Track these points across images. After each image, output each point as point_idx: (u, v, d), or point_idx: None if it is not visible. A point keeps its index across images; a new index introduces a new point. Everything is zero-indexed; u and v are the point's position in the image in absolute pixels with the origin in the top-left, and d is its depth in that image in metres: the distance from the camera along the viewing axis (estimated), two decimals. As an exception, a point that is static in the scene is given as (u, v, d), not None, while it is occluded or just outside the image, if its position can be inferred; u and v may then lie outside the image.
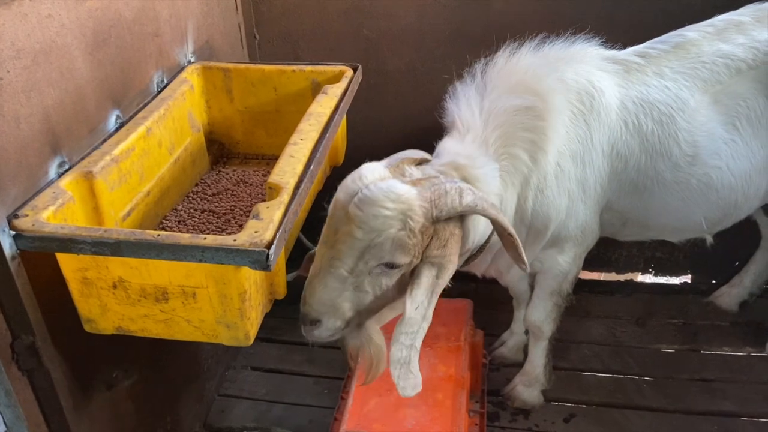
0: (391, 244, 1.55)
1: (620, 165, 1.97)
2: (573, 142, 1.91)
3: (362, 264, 1.59)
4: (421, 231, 1.57)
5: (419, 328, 1.61)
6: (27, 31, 1.41)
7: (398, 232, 1.55)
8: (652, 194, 2.01)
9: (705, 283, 3.01)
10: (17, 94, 1.40)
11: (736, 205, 2.07)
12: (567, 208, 1.96)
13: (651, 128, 1.93)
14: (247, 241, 1.32)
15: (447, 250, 1.63)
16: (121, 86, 1.80)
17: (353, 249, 1.57)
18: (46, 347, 1.47)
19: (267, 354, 2.75)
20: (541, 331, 2.33)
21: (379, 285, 1.63)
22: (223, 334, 1.50)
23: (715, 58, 1.94)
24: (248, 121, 2.23)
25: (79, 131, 1.63)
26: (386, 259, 1.58)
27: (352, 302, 1.64)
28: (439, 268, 1.62)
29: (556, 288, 2.21)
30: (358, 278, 1.61)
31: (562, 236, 2.03)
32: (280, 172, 1.58)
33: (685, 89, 1.94)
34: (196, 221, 1.89)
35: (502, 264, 2.15)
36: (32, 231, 1.35)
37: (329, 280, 1.60)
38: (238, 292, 1.41)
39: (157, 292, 1.44)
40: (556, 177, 1.90)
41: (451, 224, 1.63)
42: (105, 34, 1.71)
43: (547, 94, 1.84)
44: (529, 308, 2.31)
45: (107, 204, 1.61)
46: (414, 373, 1.65)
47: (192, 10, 2.18)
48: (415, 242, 1.57)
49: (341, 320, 1.65)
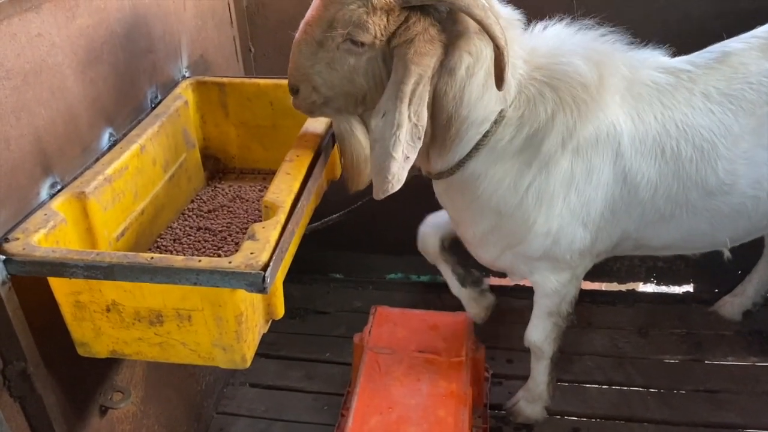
0: (351, 16, 1.52)
1: (647, 193, 1.85)
2: (596, 155, 1.79)
3: (330, 37, 1.57)
4: (385, 10, 1.52)
5: (391, 135, 1.55)
6: (17, 51, 1.39)
7: (359, 7, 1.51)
8: (679, 222, 1.91)
9: (708, 292, 2.98)
10: (7, 116, 1.37)
11: (764, 228, 2.02)
12: (561, 221, 1.85)
13: (690, 155, 1.81)
14: (242, 263, 1.30)
15: (414, 48, 1.53)
16: (114, 104, 1.78)
17: (322, 18, 1.57)
18: (38, 373, 1.44)
19: (265, 370, 2.71)
20: (542, 351, 2.28)
21: (348, 63, 1.60)
22: (220, 357, 1.47)
23: (761, 78, 1.82)
24: (244, 136, 2.20)
25: (71, 151, 1.60)
26: (348, 31, 1.54)
27: (325, 79, 1.64)
28: (405, 69, 1.53)
29: (554, 309, 2.13)
30: (328, 53, 1.60)
31: (552, 254, 1.92)
32: (276, 191, 1.56)
33: (730, 113, 1.81)
34: (192, 239, 1.86)
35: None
36: (23, 255, 1.32)
37: (302, 46, 1.63)
38: (234, 315, 1.39)
39: (152, 315, 1.42)
40: (563, 173, 1.79)
41: (426, 20, 1.54)
42: (97, 52, 1.69)
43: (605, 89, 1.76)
44: (528, 328, 2.26)
45: (101, 224, 1.58)
46: (390, 181, 1.58)
47: (186, 25, 2.16)
48: (377, 21, 1.52)
49: (316, 94, 1.67)
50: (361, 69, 1.62)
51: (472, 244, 2.07)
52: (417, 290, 3.15)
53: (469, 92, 1.67)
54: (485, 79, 1.66)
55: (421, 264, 3.13)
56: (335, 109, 1.72)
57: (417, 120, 1.57)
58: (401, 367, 2.21)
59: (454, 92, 1.66)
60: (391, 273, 3.20)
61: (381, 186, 1.59)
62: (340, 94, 1.67)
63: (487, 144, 1.75)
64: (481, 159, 1.78)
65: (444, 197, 2.01)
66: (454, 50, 1.61)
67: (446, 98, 1.67)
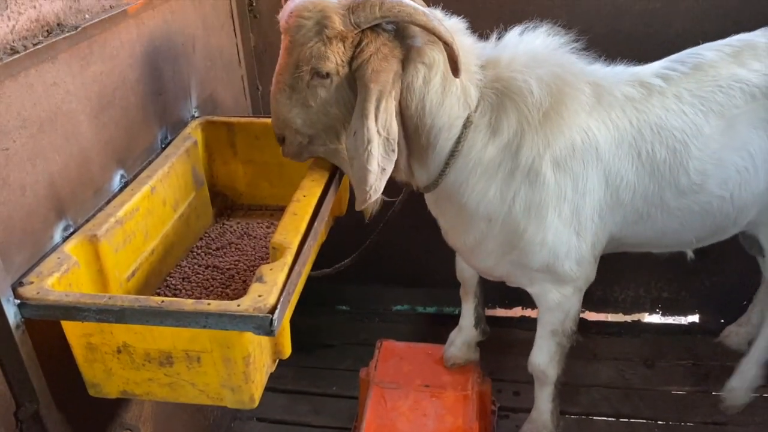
0: (311, 52, 1.63)
1: (628, 195, 1.92)
2: (577, 163, 1.85)
3: (298, 78, 1.69)
4: (339, 38, 1.62)
5: (363, 151, 1.63)
6: (33, 101, 1.44)
7: (316, 42, 1.62)
8: (654, 221, 1.98)
9: (713, 322, 2.98)
10: (23, 163, 1.41)
11: (726, 230, 2.07)
12: (556, 232, 1.88)
13: (664, 157, 1.89)
14: (250, 306, 1.32)
15: (370, 67, 1.63)
16: (125, 146, 1.82)
17: (288, 64, 1.69)
18: (50, 414, 1.46)
19: (273, 404, 2.72)
20: (546, 375, 2.26)
21: (319, 97, 1.71)
22: (228, 398, 1.49)
23: (731, 82, 1.91)
24: (252, 174, 2.25)
25: (83, 194, 1.64)
26: (312, 66, 1.65)
27: (303, 119, 1.76)
28: (365, 88, 1.63)
29: (558, 326, 2.13)
30: (300, 93, 1.72)
31: (551, 266, 1.95)
32: (284, 232, 1.59)
33: (701, 114, 1.90)
34: (200, 278, 1.90)
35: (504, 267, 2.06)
36: (37, 299, 1.35)
37: (278, 95, 1.75)
38: (242, 356, 1.41)
39: (162, 357, 1.44)
40: (548, 186, 1.84)
41: (378, 40, 1.65)
42: (109, 97, 1.74)
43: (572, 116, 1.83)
44: (533, 351, 2.25)
45: (112, 266, 1.62)
46: (368, 192, 1.68)
47: (195, 66, 2.21)
48: (335, 49, 1.63)
49: (300, 135, 1.79)
50: (332, 99, 1.72)
51: (465, 253, 2.10)
52: (423, 322, 3.16)
53: (430, 100, 1.75)
54: (443, 84, 1.74)
55: (427, 296, 3.17)
56: (321, 146, 1.83)
57: (387, 134, 1.67)
58: (407, 402, 2.23)
59: (416, 103, 1.75)
60: (397, 305, 3.22)
61: (361, 197, 1.70)
62: (320, 130, 1.79)
63: (461, 151, 1.82)
64: (459, 167, 1.84)
65: (435, 208, 2.07)
66: (409, 63, 1.71)
67: (410, 110, 1.76)
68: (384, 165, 1.68)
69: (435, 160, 1.85)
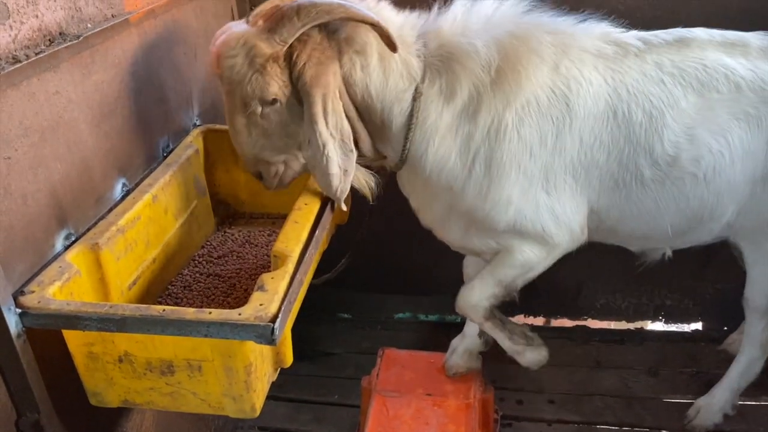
0: (252, 86, 1.66)
1: (602, 156, 1.88)
2: (544, 119, 1.82)
3: (251, 113, 1.72)
4: (271, 61, 1.65)
5: (321, 157, 1.66)
6: (35, 110, 1.44)
7: (253, 74, 1.65)
8: (629, 192, 1.93)
9: (716, 330, 2.97)
10: (24, 172, 1.41)
11: (702, 220, 2.00)
12: (521, 189, 1.85)
13: (640, 119, 1.86)
14: (252, 315, 1.32)
15: (307, 74, 1.66)
16: (127, 154, 1.82)
17: (236, 105, 1.73)
18: (51, 424, 1.45)
19: (274, 413, 2.71)
20: (470, 317, 2.15)
21: (275, 122, 1.75)
22: (230, 407, 1.48)
23: (717, 65, 1.89)
24: (253, 181, 2.21)
25: (85, 202, 1.64)
26: (258, 97, 1.69)
27: (270, 149, 1.80)
28: (307, 95, 1.66)
29: (509, 280, 2.02)
30: (258, 127, 1.75)
31: (520, 226, 1.90)
32: (285, 240, 1.59)
33: (679, 87, 1.87)
34: (202, 286, 1.89)
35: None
36: (38, 308, 1.35)
37: (239, 137, 1.79)
38: (244, 365, 1.40)
39: (163, 366, 1.44)
40: (510, 141, 1.81)
41: (307, 48, 1.67)
42: (111, 106, 1.74)
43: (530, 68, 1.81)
44: (465, 288, 2.12)
45: (113, 274, 1.61)
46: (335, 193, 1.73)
47: (196, 75, 2.22)
48: (272, 73, 1.66)
49: (274, 165, 1.84)
50: (287, 119, 1.75)
51: (436, 228, 2.08)
52: (425, 330, 3.16)
53: (373, 84, 1.78)
54: (381, 65, 1.77)
55: (429, 303, 3.16)
56: (298, 164, 1.85)
57: (340, 135, 1.69)
58: (409, 411, 2.21)
59: (361, 91, 1.79)
60: (399, 313, 3.21)
61: (332, 197, 1.75)
62: (290, 151, 1.82)
63: (417, 123, 1.83)
64: (418, 139, 1.85)
65: (406, 186, 2.06)
66: (343, 56, 1.74)
67: (358, 99, 1.80)
68: (345, 166, 1.71)
69: (395, 138, 1.87)
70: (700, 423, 2.50)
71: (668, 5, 2.44)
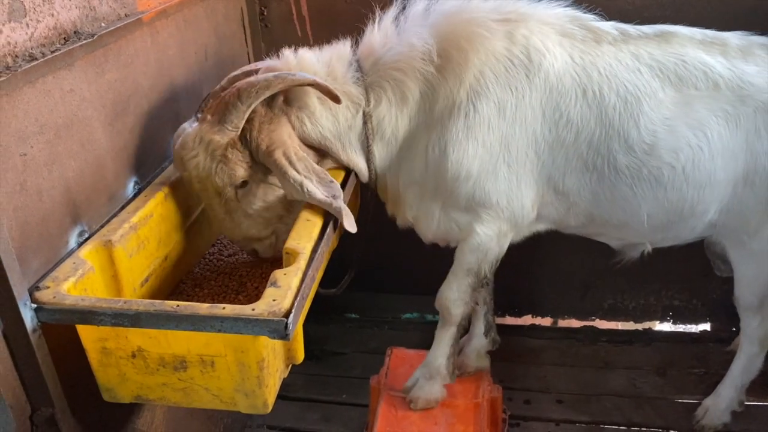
0: (221, 176, 1.74)
1: (570, 135, 1.88)
2: (502, 90, 1.84)
3: (227, 201, 1.80)
4: (231, 147, 1.73)
5: (304, 194, 1.71)
6: (50, 107, 1.45)
7: (217, 165, 1.73)
8: (601, 176, 1.92)
9: (725, 330, 2.96)
10: (39, 168, 1.43)
11: (682, 215, 1.99)
12: (481, 162, 1.87)
13: (614, 103, 1.86)
14: (265, 311, 1.33)
15: (264, 144, 1.74)
16: (139, 153, 1.84)
17: (212, 197, 1.80)
18: (65, 419, 1.47)
19: (283, 412, 2.71)
20: (450, 313, 2.18)
21: (253, 201, 1.83)
22: (242, 402, 1.49)
23: (696, 63, 1.90)
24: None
25: (98, 200, 1.66)
26: (229, 185, 1.77)
27: (256, 226, 1.86)
28: (270, 157, 1.73)
29: (474, 266, 2.06)
30: (237, 211, 1.83)
31: (478, 199, 1.93)
32: (297, 237, 1.60)
33: (657, 80, 1.88)
34: (213, 284, 1.90)
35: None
36: (53, 303, 1.36)
37: (222, 225, 1.87)
38: (256, 361, 1.41)
39: (176, 361, 1.45)
40: (466, 116, 1.85)
41: (256, 119, 1.75)
42: (124, 104, 1.75)
43: (475, 41, 1.85)
44: (442, 286, 2.17)
45: (126, 271, 1.63)
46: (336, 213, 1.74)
47: (207, 73, 2.23)
48: (234, 158, 1.74)
49: (266, 239, 1.90)
50: (262, 193, 1.84)
51: (416, 226, 2.13)
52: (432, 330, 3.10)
53: (326, 129, 1.88)
54: (324, 109, 1.87)
55: (437, 304, 3.16)
56: (286, 227, 1.85)
57: (315, 175, 1.75)
58: (418, 410, 2.22)
59: (317, 138, 1.89)
60: (407, 312, 3.21)
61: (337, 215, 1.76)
62: (275, 221, 1.89)
63: (375, 141, 1.94)
64: (382, 156, 1.97)
65: (383, 195, 2.13)
66: (291, 117, 1.84)
67: (317, 144, 1.90)
68: (331, 193, 1.74)
69: (361, 161, 1.96)
70: (708, 423, 2.49)
71: (676, 5, 2.44)
